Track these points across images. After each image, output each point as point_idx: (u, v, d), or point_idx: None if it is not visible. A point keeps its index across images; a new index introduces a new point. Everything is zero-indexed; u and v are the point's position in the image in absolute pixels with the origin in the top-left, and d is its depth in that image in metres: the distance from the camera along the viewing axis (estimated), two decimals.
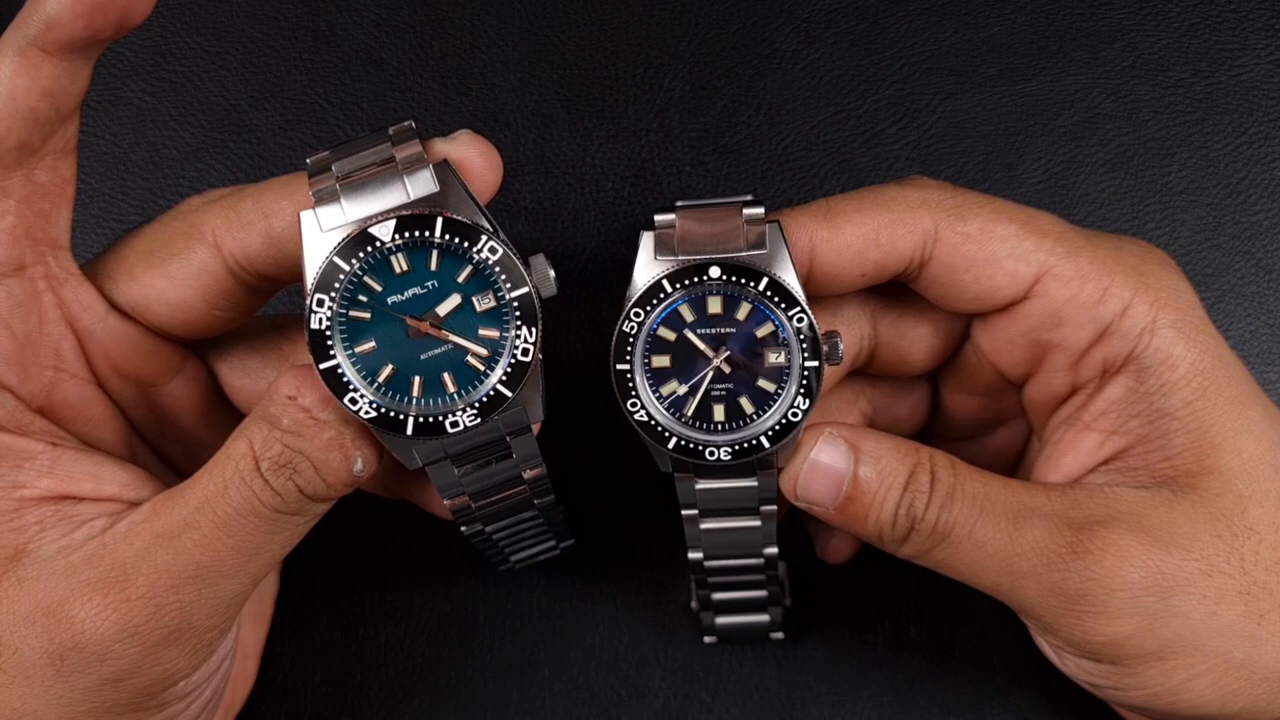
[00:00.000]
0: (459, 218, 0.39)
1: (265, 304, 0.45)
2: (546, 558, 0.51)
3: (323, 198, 0.39)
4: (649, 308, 0.41)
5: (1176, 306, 0.42)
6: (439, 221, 0.39)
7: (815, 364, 0.41)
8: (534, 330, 0.40)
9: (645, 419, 0.42)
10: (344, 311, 0.39)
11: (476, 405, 0.40)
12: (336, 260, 0.39)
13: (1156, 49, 0.56)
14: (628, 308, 0.41)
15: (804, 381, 0.41)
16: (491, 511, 0.44)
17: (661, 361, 0.42)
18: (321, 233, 0.39)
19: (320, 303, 0.39)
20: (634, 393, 0.42)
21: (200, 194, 0.44)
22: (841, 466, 0.42)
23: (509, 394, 0.40)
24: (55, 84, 0.39)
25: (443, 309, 0.40)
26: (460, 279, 0.40)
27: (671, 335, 0.42)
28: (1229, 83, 0.56)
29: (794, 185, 0.56)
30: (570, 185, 0.56)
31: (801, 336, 0.41)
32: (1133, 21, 0.56)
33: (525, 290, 0.40)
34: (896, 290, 0.45)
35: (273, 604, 0.52)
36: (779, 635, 0.50)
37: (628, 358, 0.42)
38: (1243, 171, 0.55)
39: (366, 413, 0.39)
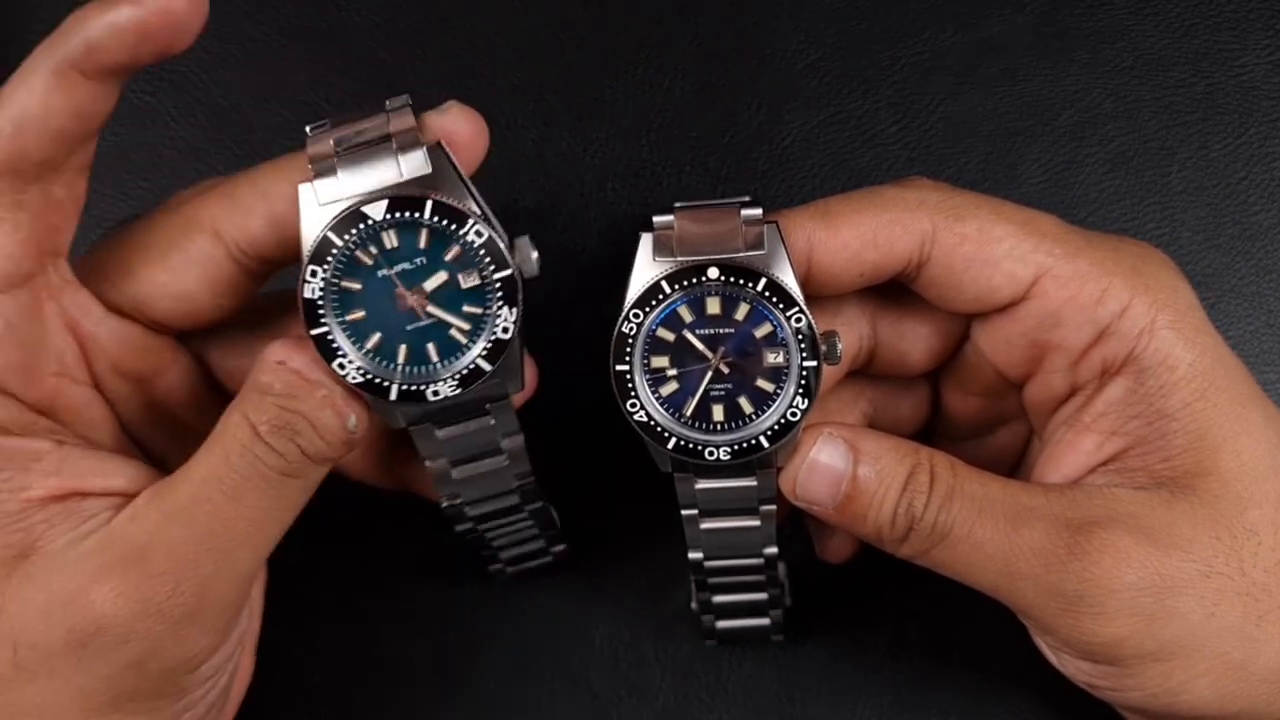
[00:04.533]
0: (449, 201, 0.40)
1: (260, 288, 0.45)
2: (538, 563, 0.51)
3: (320, 171, 0.40)
4: (648, 309, 0.41)
5: (1175, 307, 0.42)
6: (429, 204, 0.40)
7: (814, 364, 0.41)
8: (514, 310, 0.41)
9: (645, 419, 0.42)
10: (336, 281, 0.41)
11: (457, 377, 0.42)
12: (330, 235, 0.40)
13: (1156, 49, 0.56)
14: (627, 309, 0.41)
15: (802, 381, 0.41)
16: (476, 485, 0.46)
17: (660, 362, 0.42)
18: (319, 206, 0.40)
19: (314, 273, 0.40)
20: (633, 393, 0.42)
21: (188, 188, 0.44)
22: (840, 466, 0.42)
23: (488, 368, 0.42)
24: (88, 105, 0.39)
25: (430, 284, 0.41)
26: (448, 258, 0.41)
27: (670, 336, 0.42)
28: (1229, 83, 0.55)
29: (794, 185, 0.56)
30: (570, 185, 0.56)
31: (800, 337, 0.41)
32: (1133, 21, 0.56)
33: (508, 272, 0.41)
34: (896, 290, 0.45)
35: (261, 597, 0.52)
36: (779, 638, 0.50)
37: (627, 358, 0.42)
38: (1243, 171, 0.55)
39: (353, 378, 0.41)
